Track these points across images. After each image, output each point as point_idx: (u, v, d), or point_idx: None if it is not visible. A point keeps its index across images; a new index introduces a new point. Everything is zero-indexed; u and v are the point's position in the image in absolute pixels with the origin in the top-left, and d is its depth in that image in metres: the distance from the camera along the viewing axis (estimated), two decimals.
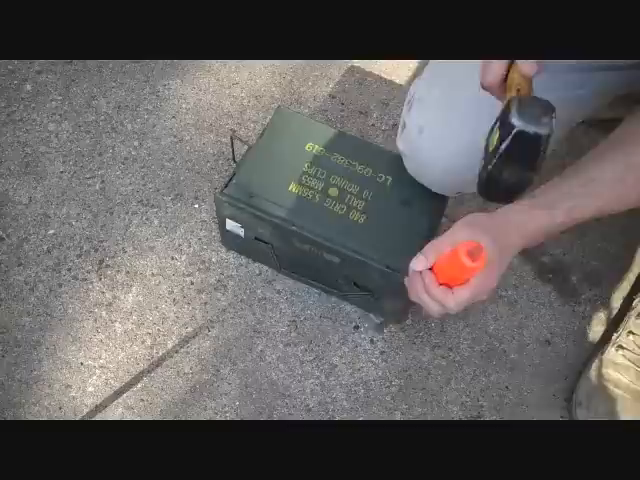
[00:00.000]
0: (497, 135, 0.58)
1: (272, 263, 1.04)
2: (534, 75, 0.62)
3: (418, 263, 0.69)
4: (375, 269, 0.89)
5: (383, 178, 0.96)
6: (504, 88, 0.64)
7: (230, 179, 0.94)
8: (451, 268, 0.66)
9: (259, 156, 0.97)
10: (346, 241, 0.91)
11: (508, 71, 0.64)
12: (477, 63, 0.68)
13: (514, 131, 0.56)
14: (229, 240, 1.05)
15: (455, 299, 0.67)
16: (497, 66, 0.64)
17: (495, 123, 0.60)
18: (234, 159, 1.01)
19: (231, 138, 0.98)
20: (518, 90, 0.60)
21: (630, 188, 0.72)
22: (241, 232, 0.99)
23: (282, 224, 0.92)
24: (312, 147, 0.98)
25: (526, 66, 0.62)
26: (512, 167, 0.58)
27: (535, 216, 0.70)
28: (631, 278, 1.09)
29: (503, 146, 0.57)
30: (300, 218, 0.92)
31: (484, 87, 0.66)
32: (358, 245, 0.90)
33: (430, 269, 0.68)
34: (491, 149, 0.59)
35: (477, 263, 0.61)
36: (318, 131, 1.00)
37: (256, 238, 0.98)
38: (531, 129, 0.56)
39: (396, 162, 0.96)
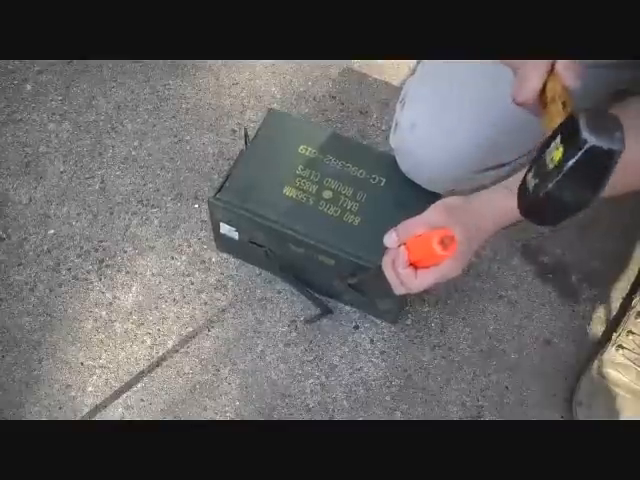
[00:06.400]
0: (560, 151, 0.53)
1: (267, 266, 1.03)
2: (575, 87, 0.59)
3: (389, 240, 0.72)
4: (369, 270, 0.89)
5: (377, 179, 0.96)
6: (541, 102, 0.61)
7: (223, 183, 0.94)
8: (422, 251, 0.69)
9: (252, 159, 0.96)
10: (341, 243, 0.90)
11: (544, 84, 0.61)
12: (472, 62, 0.68)
13: (586, 146, 0.51)
14: (224, 244, 1.04)
15: (418, 283, 0.70)
16: (534, 81, 0.61)
17: (550, 139, 0.56)
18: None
19: (245, 132, 0.99)
20: (564, 103, 0.57)
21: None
22: (235, 235, 0.99)
23: (276, 227, 0.91)
24: (305, 149, 0.97)
25: (569, 78, 0.59)
26: (576, 186, 0.53)
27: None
28: (631, 277, 1.09)
29: (570, 162, 0.52)
30: (294, 221, 0.91)
31: (518, 103, 0.63)
32: (352, 247, 0.90)
33: (404, 244, 0.71)
34: (552, 166, 0.54)
35: (447, 252, 0.65)
36: (311, 133, 1.00)
37: (250, 241, 0.98)
38: (605, 145, 0.51)
39: (390, 163, 0.95)
